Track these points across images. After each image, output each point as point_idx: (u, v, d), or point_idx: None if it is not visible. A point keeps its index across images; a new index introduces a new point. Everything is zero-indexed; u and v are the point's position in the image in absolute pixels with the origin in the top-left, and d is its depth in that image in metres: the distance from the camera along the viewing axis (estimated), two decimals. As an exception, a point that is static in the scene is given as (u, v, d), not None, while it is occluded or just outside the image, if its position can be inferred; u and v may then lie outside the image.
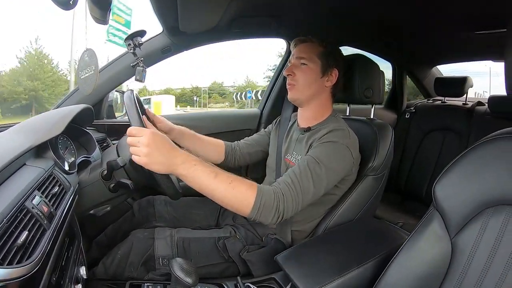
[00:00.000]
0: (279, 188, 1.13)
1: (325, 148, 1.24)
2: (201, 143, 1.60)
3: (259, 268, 1.32)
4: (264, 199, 1.07)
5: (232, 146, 1.69)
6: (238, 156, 1.69)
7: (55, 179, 1.01)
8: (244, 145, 1.71)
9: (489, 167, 0.81)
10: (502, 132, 0.83)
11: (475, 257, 0.80)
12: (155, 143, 1.00)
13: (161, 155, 1.01)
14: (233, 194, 1.06)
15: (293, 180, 1.15)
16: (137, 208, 1.61)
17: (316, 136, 1.30)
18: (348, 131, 1.33)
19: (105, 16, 1.14)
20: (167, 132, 1.46)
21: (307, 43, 1.41)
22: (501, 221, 0.77)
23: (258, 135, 1.74)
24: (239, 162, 1.70)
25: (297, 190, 1.14)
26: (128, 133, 1.04)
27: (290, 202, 1.12)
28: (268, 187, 1.13)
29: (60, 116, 1.23)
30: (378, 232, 1.36)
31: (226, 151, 1.66)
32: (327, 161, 1.20)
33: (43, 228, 0.77)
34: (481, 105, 2.68)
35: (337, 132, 1.28)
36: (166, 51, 1.88)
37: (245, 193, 1.07)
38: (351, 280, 1.07)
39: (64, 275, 0.86)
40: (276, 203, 1.09)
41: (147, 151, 0.99)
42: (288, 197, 1.12)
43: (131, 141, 1.02)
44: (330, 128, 1.29)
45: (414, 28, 2.05)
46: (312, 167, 1.18)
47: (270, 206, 1.08)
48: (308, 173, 1.17)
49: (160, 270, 1.28)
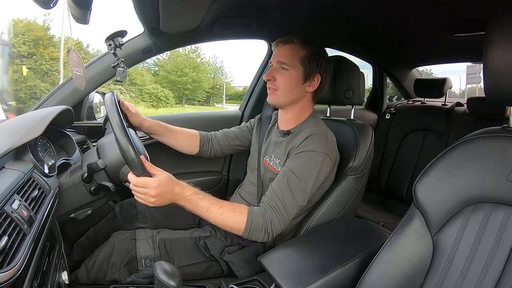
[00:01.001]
0: (266, 213, 1.21)
1: (302, 159, 1.28)
2: (174, 135, 1.60)
3: (241, 268, 1.33)
4: (254, 223, 1.19)
5: (208, 137, 1.69)
6: (216, 147, 1.68)
7: (35, 182, 1.00)
8: (222, 136, 1.70)
9: (468, 166, 0.84)
10: (481, 132, 0.86)
11: (457, 254, 0.82)
12: (161, 194, 1.10)
13: (165, 198, 1.12)
14: (224, 223, 1.19)
15: (277, 202, 1.23)
16: (118, 210, 1.59)
17: (295, 143, 1.32)
18: (325, 134, 1.35)
19: (86, 15, 1.13)
20: (139, 126, 1.45)
21: (289, 45, 1.36)
22: (481, 219, 0.80)
23: (238, 129, 1.73)
24: (215, 153, 1.70)
25: (281, 211, 1.22)
26: (133, 183, 1.10)
27: (277, 223, 1.22)
28: (257, 210, 1.22)
29: (40, 117, 1.20)
30: (360, 231, 1.38)
31: (201, 142, 1.65)
32: (306, 173, 1.26)
33: (23, 233, 0.76)
34: (460, 106, 2.74)
35: (315, 137, 1.30)
36: (147, 51, 1.86)
37: (236, 220, 1.19)
38: (335, 279, 1.08)
39: (45, 280, 0.85)
40: (265, 226, 1.20)
41: (155, 200, 1.10)
42: (275, 220, 1.21)
43: (138, 191, 1.11)
44: (308, 133, 1.31)
45: (394, 30, 2.07)
46: (292, 184, 1.24)
47: (259, 229, 1.20)
48: (289, 192, 1.24)
49: (143, 271, 1.27)
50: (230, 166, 2.28)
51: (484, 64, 0.80)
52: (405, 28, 2.02)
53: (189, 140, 1.65)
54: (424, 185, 0.91)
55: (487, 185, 0.80)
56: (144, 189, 1.08)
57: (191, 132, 1.67)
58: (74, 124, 1.74)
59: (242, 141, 1.69)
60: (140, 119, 1.45)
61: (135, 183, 1.09)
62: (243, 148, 1.71)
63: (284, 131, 1.42)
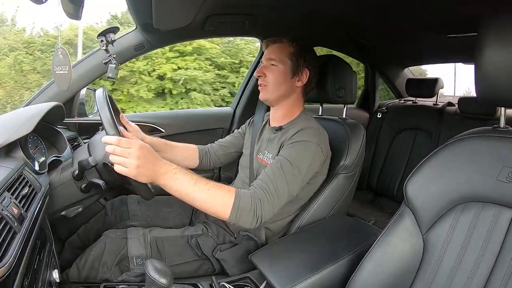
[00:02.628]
0: (256, 193, 1.15)
1: (296, 148, 1.26)
2: (174, 151, 1.59)
3: (233, 266, 1.33)
4: (242, 203, 1.10)
5: (206, 150, 1.70)
6: (213, 158, 1.69)
7: (25, 179, 0.99)
8: (218, 147, 1.71)
9: (458, 165, 0.85)
10: (471, 132, 0.88)
11: (447, 253, 0.83)
12: (144, 156, 1.02)
13: (148, 169, 1.02)
14: (211, 200, 1.09)
15: (268, 184, 1.17)
16: (109, 208, 1.59)
17: (287, 136, 1.32)
18: (318, 129, 1.35)
19: (78, 11, 1.12)
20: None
21: (278, 44, 1.42)
22: (471, 217, 0.81)
23: (232, 137, 1.74)
24: (214, 164, 1.71)
25: (272, 194, 1.16)
26: (112, 142, 1.00)
27: (267, 206, 1.14)
28: (246, 191, 1.15)
29: (30, 114, 1.19)
30: (351, 229, 1.39)
31: (200, 156, 1.67)
32: (299, 161, 1.23)
33: (13, 231, 0.75)
34: (451, 105, 2.76)
35: (307, 130, 1.30)
36: (139, 48, 1.85)
37: (223, 198, 1.10)
38: (326, 277, 1.09)
39: (36, 279, 0.85)
40: (254, 207, 1.12)
41: (138, 164, 1.00)
42: (265, 201, 1.14)
43: (120, 152, 1.00)
44: (300, 127, 1.32)
45: (387, 30, 2.09)
46: (286, 169, 1.20)
47: (248, 210, 1.11)
48: (282, 176, 1.19)
49: (134, 270, 1.27)
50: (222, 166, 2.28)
51: (476, 64, 0.80)
52: (397, 29, 2.03)
53: (189, 154, 1.65)
54: (414, 183, 0.92)
55: (477, 184, 0.81)
56: (127, 149, 0.99)
57: (190, 147, 1.67)
58: (65, 121, 1.73)
59: (237, 148, 1.70)
60: (140, 136, 1.44)
61: (118, 142, 1.00)
62: (238, 154, 1.71)
63: (276, 127, 1.43)
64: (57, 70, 1.26)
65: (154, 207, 1.59)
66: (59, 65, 1.24)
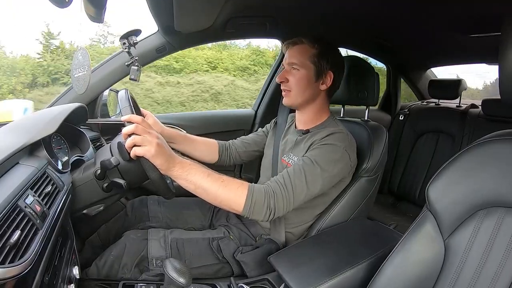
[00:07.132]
0: (270, 187, 1.16)
1: (323, 150, 1.25)
2: (194, 144, 1.59)
3: (253, 268, 1.32)
4: (255, 196, 1.11)
5: (226, 145, 1.69)
6: (234, 155, 1.68)
7: (48, 178, 1.00)
8: (240, 143, 1.70)
9: (482, 170, 0.82)
10: (495, 134, 0.84)
11: (468, 259, 0.81)
12: (162, 141, 1.05)
13: (164, 152, 1.03)
14: (225, 193, 1.10)
15: (285, 179, 1.17)
16: (130, 208, 1.60)
17: (316, 138, 1.30)
18: (347, 134, 1.33)
19: (100, 14, 1.13)
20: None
21: (298, 46, 1.36)
22: (494, 223, 0.78)
23: (256, 135, 1.72)
24: (234, 161, 1.70)
25: (288, 189, 1.16)
26: (133, 120, 1.03)
27: (281, 200, 1.14)
28: (259, 185, 1.16)
29: (54, 114, 1.21)
30: (371, 233, 1.37)
31: (219, 151, 1.66)
32: (324, 162, 1.21)
33: (36, 228, 0.76)
34: (475, 107, 2.70)
35: (337, 135, 1.29)
36: (161, 50, 1.87)
37: (237, 191, 1.11)
38: (344, 281, 1.07)
39: (57, 275, 0.86)
40: (267, 200, 1.12)
41: (157, 142, 1.01)
42: (279, 195, 1.14)
43: (141, 131, 1.02)
44: (330, 131, 1.30)
45: (409, 30, 2.06)
46: (307, 168, 1.19)
47: (261, 203, 1.12)
48: (302, 174, 1.18)
49: (153, 271, 1.27)
50: (243, 166, 2.28)
51: (500, 64, 0.77)
52: (420, 29, 2.00)
53: (208, 149, 1.64)
54: (437, 187, 0.89)
55: (501, 189, 0.78)
56: (148, 130, 1.03)
57: (210, 141, 1.66)
58: (88, 122, 1.76)
59: (259, 146, 1.69)
60: (159, 128, 1.45)
61: (139, 121, 1.03)
62: (260, 153, 1.69)
63: (303, 131, 1.41)
64: (75, 73, 1.27)
65: (174, 209, 1.60)
66: (78, 67, 1.26)
